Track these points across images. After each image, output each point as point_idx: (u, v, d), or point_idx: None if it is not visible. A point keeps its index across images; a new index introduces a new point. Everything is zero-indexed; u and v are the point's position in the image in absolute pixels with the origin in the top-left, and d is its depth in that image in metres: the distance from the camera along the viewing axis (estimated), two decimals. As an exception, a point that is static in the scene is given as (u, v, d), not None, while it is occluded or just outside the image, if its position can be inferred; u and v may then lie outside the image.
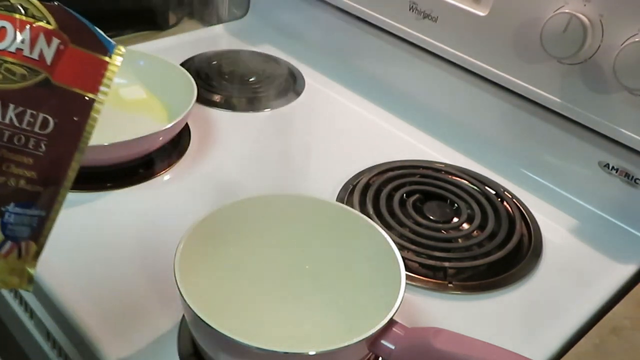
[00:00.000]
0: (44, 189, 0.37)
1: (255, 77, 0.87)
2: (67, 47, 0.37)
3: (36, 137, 0.37)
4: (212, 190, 0.65)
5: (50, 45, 0.37)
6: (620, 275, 0.61)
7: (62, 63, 0.37)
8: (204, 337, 0.45)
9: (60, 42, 0.37)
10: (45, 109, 0.37)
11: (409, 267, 0.57)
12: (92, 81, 0.38)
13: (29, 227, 0.37)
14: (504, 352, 0.42)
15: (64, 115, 0.37)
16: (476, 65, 0.73)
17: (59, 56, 0.37)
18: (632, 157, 0.64)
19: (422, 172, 0.70)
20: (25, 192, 0.37)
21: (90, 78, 0.38)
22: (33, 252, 0.38)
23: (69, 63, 0.37)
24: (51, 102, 0.37)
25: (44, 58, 0.37)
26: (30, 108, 0.36)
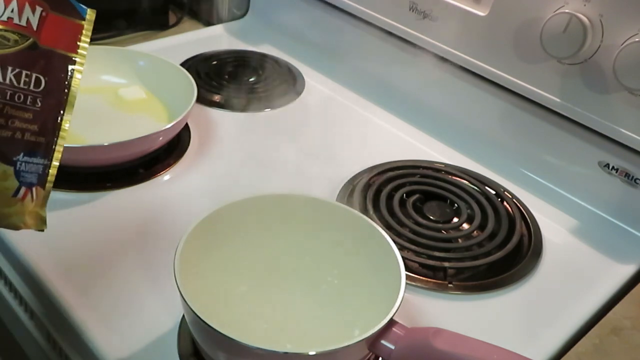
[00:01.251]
0: (45, 139, 0.42)
1: (255, 77, 0.87)
2: (48, 13, 0.42)
3: (33, 94, 0.41)
4: (212, 190, 0.65)
5: (35, 13, 0.42)
6: (620, 275, 0.61)
7: (45, 28, 0.42)
8: (204, 337, 0.45)
9: (42, 10, 0.42)
10: (37, 69, 0.41)
11: (409, 267, 0.57)
12: (72, 42, 0.43)
13: (36, 174, 0.42)
14: (504, 352, 0.42)
15: (52, 73, 0.42)
16: (476, 65, 0.73)
17: (42, 22, 0.42)
18: (632, 157, 0.64)
19: (422, 172, 0.70)
20: (30, 143, 0.41)
21: (69, 39, 0.43)
22: (42, 196, 0.43)
23: (50, 28, 0.42)
24: (40, 62, 0.41)
25: (30, 24, 0.41)
26: (25, 69, 0.41)
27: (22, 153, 0.41)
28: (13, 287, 0.58)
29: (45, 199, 0.43)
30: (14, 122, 0.40)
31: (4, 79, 0.40)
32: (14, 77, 0.40)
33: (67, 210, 0.60)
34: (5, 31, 0.41)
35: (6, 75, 0.40)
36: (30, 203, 0.42)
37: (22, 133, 0.41)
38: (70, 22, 0.43)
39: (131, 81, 0.76)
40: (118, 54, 0.78)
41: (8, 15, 0.41)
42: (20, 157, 0.41)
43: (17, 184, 0.41)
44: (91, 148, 0.61)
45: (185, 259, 0.46)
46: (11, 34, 0.41)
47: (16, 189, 0.41)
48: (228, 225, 0.52)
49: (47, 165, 0.42)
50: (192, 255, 0.47)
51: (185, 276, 0.44)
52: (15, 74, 0.40)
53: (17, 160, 0.41)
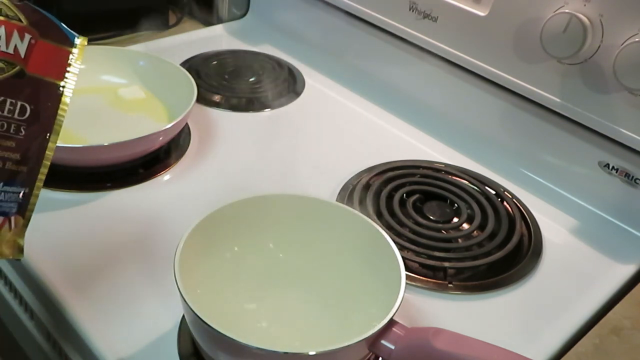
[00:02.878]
0: (26, 168, 0.41)
1: (255, 77, 0.87)
2: (37, 41, 0.42)
3: (16, 123, 0.41)
4: (212, 190, 0.65)
5: (23, 40, 0.41)
6: (620, 275, 0.61)
7: (34, 55, 0.41)
8: (204, 337, 0.45)
9: (31, 37, 0.41)
10: (22, 97, 0.41)
11: (409, 267, 0.57)
12: (60, 69, 0.42)
13: (16, 203, 0.41)
14: (504, 352, 0.42)
15: (38, 101, 0.41)
16: (476, 65, 0.73)
17: (31, 49, 0.41)
18: (632, 157, 0.64)
19: (422, 172, 0.70)
20: (10, 172, 0.41)
21: (58, 67, 0.42)
22: (21, 225, 0.42)
23: (39, 55, 0.42)
24: (27, 90, 0.41)
25: (18, 52, 0.41)
26: (10, 97, 0.40)
27: (1, 183, 0.40)
28: (13, 287, 0.58)
29: (24, 228, 0.42)
30: None
31: None
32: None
33: (67, 210, 0.60)
34: None
35: None
36: (8, 232, 0.41)
37: (3, 162, 0.40)
38: (59, 50, 0.43)
39: (131, 81, 0.76)
40: (118, 54, 0.78)
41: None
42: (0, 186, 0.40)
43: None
44: (91, 148, 0.61)
45: (185, 259, 0.46)
46: None
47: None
48: (228, 226, 0.52)
49: (28, 194, 0.42)
50: (192, 255, 0.47)
51: (185, 276, 0.44)
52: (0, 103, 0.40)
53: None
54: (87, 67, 0.75)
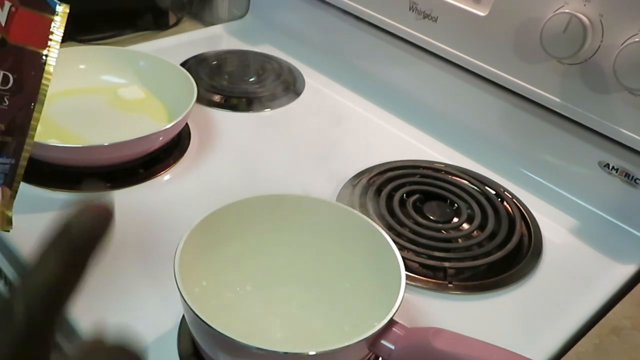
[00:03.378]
0: (12, 139, 0.40)
1: (255, 77, 0.87)
2: (18, 9, 0.41)
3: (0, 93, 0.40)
4: (212, 190, 0.65)
5: (3, 8, 0.40)
6: (620, 275, 0.61)
7: (15, 24, 0.41)
8: (204, 337, 0.45)
9: (11, 5, 0.41)
10: (5, 66, 0.40)
11: (409, 267, 0.57)
12: (42, 38, 0.41)
13: (2, 174, 0.41)
14: (504, 352, 0.42)
15: (21, 70, 0.41)
16: (476, 65, 0.73)
17: (11, 18, 0.40)
18: (632, 157, 0.64)
19: (422, 172, 0.70)
20: None
21: (39, 35, 0.42)
22: (8, 196, 0.41)
23: (20, 23, 0.41)
24: (9, 59, 0.40)
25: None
26: None
27: None
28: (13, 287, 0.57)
29: (12, 199, 0.41)
30: None
31: None
32: None
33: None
34: None
35: None
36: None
37: None
38: (41, 17, 0.42)
39: (131, 81, 0.76)
40: (118, 54, 0.78)
41: None
42: None
43: None
44: (91, 148, 0.61)
45: (185, 259, 0.46)
46: None
47: None
48: (228, 225, 0.52)
49: (15, 165, 0.41)
50: (192, 255, 0.47)
51: (185, 276, 0.44)
52: None
53: None
54: (87, 67, 0.76)
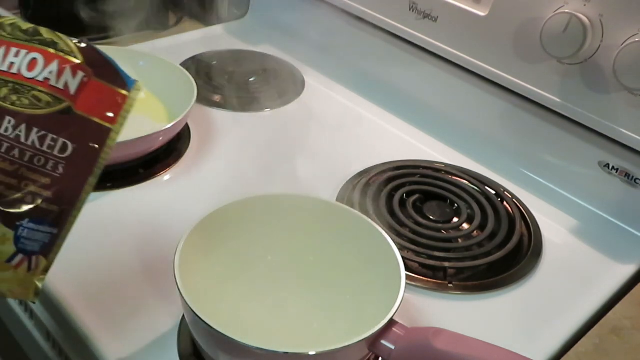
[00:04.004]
0: (58, 208, 0.40)
1: (255, 77, 0.87)
2: (91, 79, 0.40)
3: (55, 160, 0.39)
4: (212, 190, 0.65)
5: (75, 77, 0.40)
6: (620, 275, 0.61)
7: (85, 94, 0.40)
8: (204, 337, 0.45)
9: (84, 75, 0.40)
10: (65, 134, 0.39)
11: (409, 267, 0.57)
12: (111, 112, 0.40)
13: (41, 243, 0.40)
14: (504, 352, 0.42)
15: (82, 141, 0.40)
16: (476, 65, 0.73)
17: (82, 87, 0.40)
18: (632, 157, 0.64)
19: (422, 172, 0.70)
20: (40, 210, 0.39)
21: (109, 109, 0.40)
22: (42, 266, 0.40)
23: (90, 94, 0.40)
24: (72, 128, 0.39)
25: (68, 88, 0.40)
26: (52, 133, 0.39)
27: (27, 219, 0.39)
28: (13, 287, 0.58)
29: (46, 270, 0.40)
30: (28, 185, 0.39)
31: (26, 140, 0.38)
32: (38, 139, 0.39)
33: (67, 210, 0.60)
34: (39, 91, 0.39)
35: (30, 136, 0.38)
36: (26, 272, 0.39)
37: (34, 198, 0.39)
38: (113, 91, 0.41)
39: (131, 81, 0.76)
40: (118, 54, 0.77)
41: (45, 76, 0.39)
42: (24, 222, 0.39)
43: (13, 250, 0.39)
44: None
45: (185, 259, 0.46)
46: (44, 95, 0.39)
47: (11, 255, 0.39)
48: (228, 225, 0.52)
49: (56, 235, 0.40)
50: (192, 255, 0.47)
51: (185, 276, 0.44)
52: (40, 137, 0.39)
53: (20, 226, 0.39)
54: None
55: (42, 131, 0.39)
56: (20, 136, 0.39)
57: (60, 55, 0.40)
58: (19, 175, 0.38)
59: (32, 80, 0.39)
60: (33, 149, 0.39)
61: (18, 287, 0.40)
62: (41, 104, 0.39)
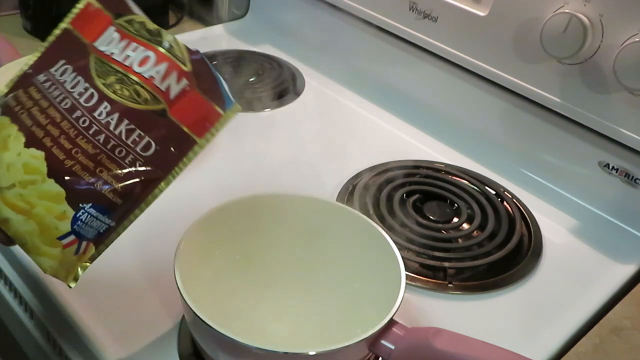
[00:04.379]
0: (123, 203, 0.40)
1: (255, 77, 0.87)
2: (192, 90, 0.41)
3: (135, 156, 0.40)
4: (212, 190, 0.65)
5: (179, 84, 0.40)
6: (620, 275, 0.61)
7: (183, 102, 0.40)
8: (204, 337, 0.45)
9: (187, 84, 0.41)
10: (153, 134, 0.40)
11: (409, 267, 0.57)
12: (202, 126, 0.41)
13: (96, 232, 0.40)
14: (504, 352, 0.42)
15: (166, 145, 0.40)
16: (476, 65, 0.73)
17: (182, 95, 0.40)
18: (632, 157, 0.64)
19: (422, 172, 0.70)
20: (106, 199, 0.39)
21: (201, 123, 0.41)
22: (90, 255, 0.41)
23: (188, 104, 0.41)
24: (161, 130, 0.40)
25: (169, 92, 0.40)
26: (141, 129, 0.40)
27: (91, 203, 0.39)
28: (13, 287, 0.58)
29: (92, 259, 0.41)
30: (102, 172, 0.39)
31: (115, 129, 0.39)
32: (125, 132, 0.39)
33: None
34: (142, 87, 0.40)
35: (119, 126, 0.39)
36: (72, 255, 0.40)
37: (103, 186, 0.39)
38: (210, 107, 0.41)
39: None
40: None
41: (151, 74, 0.40)
42: (87, 206, 0.39)
43: (68, 230, 0.39)
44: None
45: (185, 259, 0.46)
46: (145, 92, 0.40)
47: (65, 234, 0.39)
48: (228, 225, 0.52)
49: (112, 229, 0.40)
50: (192, 255, 0.47)
51: (185, 276, 0.44)
52: (129, 130, 0.39)
53: (82, 208, 0.39)
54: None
55: (131, 125, 0.39)
56: (111, 124, 0.39)
57: (171, 59, 0.41)
58: (97, 161, 0.39)
59: (139, 74, 0.40)
60: (118, 139, 0.39)
61: (59, 266, 0.40)
62: (139, 99, 0.40)
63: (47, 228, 0.39)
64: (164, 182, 0.40)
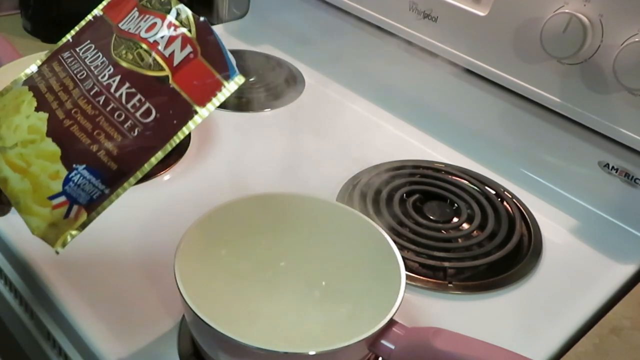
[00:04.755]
0: (117, 168, 0.39)
1: (255, 77, 0.87)
2: (196, 57, 0.40)
3: (134, 121, 0.39)
4: (212, 190, 0.65)
5: (183, 51, 0.40)
6: (620, 275, 0.61)
7: (186, 69, 0.40)
8: (204, 337, 0.45)
9: (191, 51, 0.40)
10: (153, 101, 0.39)
11: (409, 267, 0.57)
12: (203, 95, 0.40)
13: (88, 197, 0.39)
14: (504, 352, 0.42)
15: (166, 113, 0.39)
16: (476, 65, 0.73)
17: (185, 62, 0.40)
18: (632, 157, 0.64)
19: (422, 172, 0.70)
20: (100, 162, 0.39)
21: (203, 92, 0.40)
22: (81, 221, 0.39)
23: (191, 72, 0.40)
24: (161, 97, 0.39)
25: (172, 59, 0.40)
26: (142, 94, 0.39)
27: (85, 165, 0.38)
28: (13, 287, 0.58)
29: (82, 226, 0.40)
30: (100, 134, 0.39)
31: (115, 91, 0.39)
32: (126, 95, 0.39)
33: (67, 210, 0.60)
34: (145, 51, 0.39)
35: (120, 89, 0.39)
36: (61, 218, 0.39)
37: (99, 148, 0.38)
38: (212, 76, 0.40)
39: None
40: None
41: (155, 39, 0.40)
42: (80, 167, 0.38)
43: (59, 189, 0.39)
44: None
45: (185, 259, 0.46)
46: (148, 56, 0.39)
47: (55, 194, 0.39)
48: (228, 225, 0.52)
49: (105, 196, 0.39)
50: (192, 255, 0.47)
51: (185, 276, 0.44)
52: (129, 93, 0.39)
53: (75, 169, 0.38)
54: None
55: (133, 88, 0.39)
56: (112, 85, 0.39)
57: (176, 25, 0.40)
58: (96, 122, 0.39)
59: (144, 39, 0.40)
60: (118, 102, 0.39)
61: (47, 228, 0.39)
62: (142, 64, 0.39)
63: (39, 187, 0.39)
64: (161, 151, 0.39)
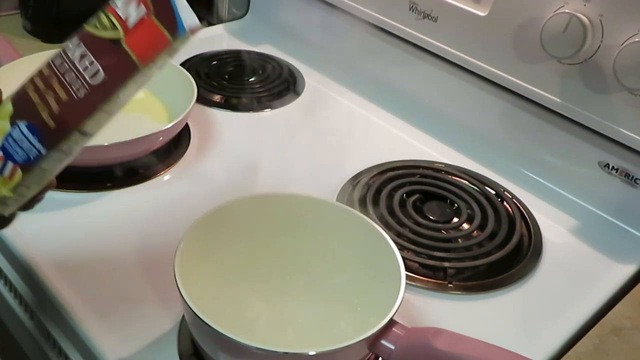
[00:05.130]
0: (55, 126, 0.38)
1: (255, 77, 0.87)
2: (149, 17, 0.39)
3: (82, 82, 0.38)
4: (212, 190, 0.65)
5: (138, 10, 0.39)
6: (620, 275, 0.61)
7: (139, 31, 0.39)
8: (204, 337, 0.45)
9: (145, 12, 0.39)
10: (103, 61, 0.38)
11: (409, 267, 0.57)
12: (149, 53, 0.39)
13: (25, 155, 0.39)
14: (504, 352, 0.42)
15: (114, 75, 0.38)
16: (476, 65, 0.73)
17: (139, 24, 0.39)
18: (632, 157, 0.64)
19: (422, 172, 0.70)
20: (40, 119, 0.38)
21: (149, 51, 0.39)
22: (14, 181, 0.39)
23: (142, 33, 0.39)
24: (111, 59, 0.38)
25: (127, 21, 0.39)
26: (93, 55, 0.38)
27: (26, 122, 0.38)
28: (13, 287, 0.58)
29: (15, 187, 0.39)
30: (49, 94, 0.38)
31: (72, 54, 0.38)
32: (79, 57, 0.38)
33: (67, 210, 0.60)
34: (105, 15, 0.39)
35: (76, 51, 0.38)
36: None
37: (45, 108, 0.38)
38: (161, 35, 0.39)
39: (131, 81, 0.76)
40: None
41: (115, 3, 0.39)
42: (21, 124, 0.38)
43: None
44: (91, 148, 0.61)
45: (185, 259, 0.46)
46: (106, 18, 0.38)
47: None
48: (228, 225, 0.52)
49: (42, 156, 0.39)
50: (192, 255, 0.47)
51: (185, 276, 0.44)
52: (82, 54, 0.38)
53: (16, 124, 0.38)
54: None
55: (87, 50, 0.38)
56: (70, 48, 0.39)
57: None
58: (48, 83, 0.38)
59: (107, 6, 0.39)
60: (71, 64, 0.38)
61: None
62: (99, 26, 0.39)
63: None
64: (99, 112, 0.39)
